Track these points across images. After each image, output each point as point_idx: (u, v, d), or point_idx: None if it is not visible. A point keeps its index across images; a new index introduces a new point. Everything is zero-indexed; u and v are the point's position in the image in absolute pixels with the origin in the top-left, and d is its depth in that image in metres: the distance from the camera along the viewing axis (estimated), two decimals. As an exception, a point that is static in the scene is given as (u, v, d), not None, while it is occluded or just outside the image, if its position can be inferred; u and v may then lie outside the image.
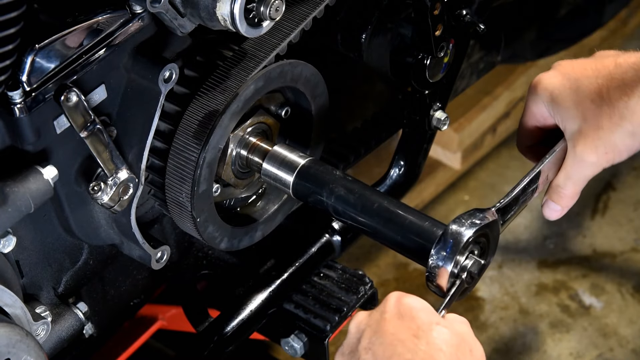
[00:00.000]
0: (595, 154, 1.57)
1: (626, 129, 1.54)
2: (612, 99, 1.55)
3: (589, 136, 1.56)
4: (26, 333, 1.35)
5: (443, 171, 2.94)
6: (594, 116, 1.56)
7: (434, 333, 1.35)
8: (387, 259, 2.80)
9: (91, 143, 1.40)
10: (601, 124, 1.55)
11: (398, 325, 1.35)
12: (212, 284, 1.92)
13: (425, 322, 1.36)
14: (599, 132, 1.55)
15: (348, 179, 1.59)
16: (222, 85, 1.52)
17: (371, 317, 1.39)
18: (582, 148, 1.57)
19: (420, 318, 1.36)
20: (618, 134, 1.55)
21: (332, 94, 1.71)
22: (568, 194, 1.62)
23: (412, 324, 1.36)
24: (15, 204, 1.33)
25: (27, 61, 1.33)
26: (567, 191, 1.62)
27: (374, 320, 1.38)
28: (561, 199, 1.63)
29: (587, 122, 1.56)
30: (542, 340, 2.60)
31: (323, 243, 1.92)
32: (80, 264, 1.59)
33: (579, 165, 1.59)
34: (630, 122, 1.54)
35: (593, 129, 1.56)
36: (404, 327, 1.35)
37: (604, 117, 1.55)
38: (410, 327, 1.35)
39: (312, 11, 1.61)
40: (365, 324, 1.38)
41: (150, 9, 1.38)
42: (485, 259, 1.51)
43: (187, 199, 1.53)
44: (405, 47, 1.84)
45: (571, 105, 1.59)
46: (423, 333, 1.34)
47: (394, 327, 1.35)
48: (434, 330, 1.35)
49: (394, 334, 1.34)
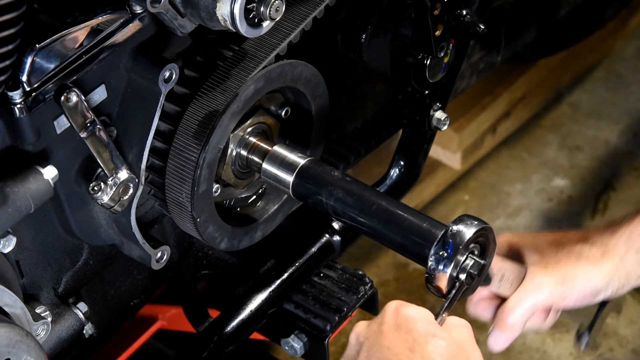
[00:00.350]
0: (552, 281, 1.62)
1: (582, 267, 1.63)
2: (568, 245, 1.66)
3: (548, 265, 1.64)
4: (26, 333, 1.35)
5: (443, 171, 2.94)
6: (552, 254, 1.66)
7: (430, 346, 1.36)
8: (387, 259, 2.80)
9: (91, 143, 1.40)
10: (559, 260, 1.64)
11: (394, 338, 1.37)
12: (212, 284, 1.92)
13: (422, 334, 1.38)
14: (557, 265, 1.64)
15: (348, 179, 1.59)
16: (222, 86, 1.52)
17: (369, 328, 1.41)
18: (540, 274, 1.63)
19: (417, 330, 1.38)
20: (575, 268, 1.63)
21: (332, 94, 1.71)
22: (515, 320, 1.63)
23: (408, 337, 1.37)
24: (15, 204, 1.33)
25: (27, 61, 1.33)
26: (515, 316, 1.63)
27: (372, 332, 1.40)
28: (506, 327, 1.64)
29: (545, 258, 1.65)
30: (542, 340, 2.60)
31: (323, 243, 1.92)
32: (80, 264, 1.59)
33: (534, 290, 1.63)
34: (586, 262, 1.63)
35: (552, 262, 1.64)
36: (401, 339, 1.37)
37: (562, 256, 1.65)
38: (407, 340, 1.37)
39: (312, 11, 1.61)
40: (364, 336, 1.41)
41: (151, 9, 1.38)
42: (486, 260, 1.51)
43: (187, 199, 1.53)
44: (405, 47, 1.84)
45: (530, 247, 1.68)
46: (419, 347, 1.36)
47: (390, 340, 1.37)
48: (430, 343, 1.37)
49: (389, 347, 1.37)
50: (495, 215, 2.88)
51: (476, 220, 1.48)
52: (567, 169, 3.02)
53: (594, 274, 1.62)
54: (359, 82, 2.07)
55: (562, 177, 3.01)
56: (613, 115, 3.19)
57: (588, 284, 1.62)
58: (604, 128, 3.15)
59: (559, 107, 3.21)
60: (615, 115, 3.18)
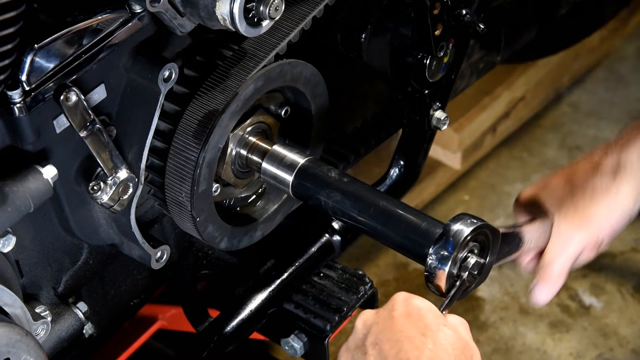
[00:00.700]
0: (578, 230, 1.65)
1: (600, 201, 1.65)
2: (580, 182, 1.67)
3: (569, 214, 1.65)
4: (26, 333, 1.35)
5: (443, 171, 2.94)
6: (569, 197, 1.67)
7: (441, 334, 1.36)
8: (387, 259, 2.80)
9: (91, 143, 1.40)
10: (577, 203, 1.65)
11: (406, 323, 1.37)
12: (212, 284, 1.92)
13: (433, 322, 1.38)
14: (577, 210, 1.65)
15: (347, 179, 1.59)
16: (221, 85, 1.52)
17: (379, 314, 1.41)
18: (565, 226, 1.65)
19: (428, 318, 1.38)
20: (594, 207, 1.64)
21: (332, 94, 1.70)
22: (556, 272, 1.67)
23: (419, 323, 1.37)
24: (15, 204, 1.33)
25: (26, 61, 1.33)
26: (555, 268, 1.67)
27: (381, 318, 1.39)
28: (549, 278, 1.67)
29: (564, 204, 1.66)
30: (542, 340, 2.60)
31: (323, 243, 1.92)
32: (80, 263, 1.59)
33: (564, 243, 1.66)
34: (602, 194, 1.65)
35: (571, 208, 1.66)
36: (412, 325, 1.37)
37: (578, 197, 1.66)
38: (418, 326, 1.37)
39: (312, 10, 1.61)
40: (373, 320, 1.40)
41: (150, 8, 1.38)
42: (486, 258, 1.51)
43: (186, 198, 1.53)
44: (405, 47, 1.84)
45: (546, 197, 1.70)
46: (431, 333, 1.36)
47: (402, 324, 1.37)
48: (441, 331, 1.37)
49: (401, 331, 1.36)
50: (495, 215, 2.88)
51: (475, 218, 1.48)
52: (567, 169, 3.02)
53: (613, 203, 1.64)
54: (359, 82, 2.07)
55: (562, 177, 3.00)
56: (613, 115, 3.19)
57: (613, 215, 1.64)
58: (604, 128, 3.15)
59: (559, 107, 3.21)
60: (615, 115, 3.18)
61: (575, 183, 1.67)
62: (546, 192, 1.69)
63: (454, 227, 1.46)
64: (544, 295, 1.68)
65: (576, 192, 1.66)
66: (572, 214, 1.65)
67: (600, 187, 1.64)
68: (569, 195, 1.66)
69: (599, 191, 1.64)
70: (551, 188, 1.69)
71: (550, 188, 1.69)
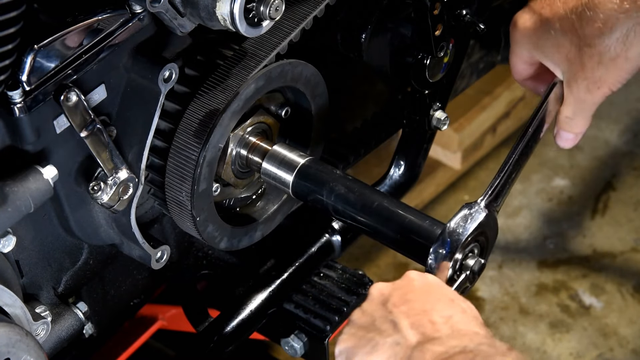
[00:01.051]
0: (590, 93, 1.61)
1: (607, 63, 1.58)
2: (587, 38, 1.58)
3: (578, 77, 1.60)
4: (26, 333, 1.35)
5: (443, 171, 2.94)
6: (576, 57, 1.60)
7: (465, 304, 1.33)
8: (387, 259, 2.80)
9: (91, 143, 1.40)
10: (585, 64, 1.59)
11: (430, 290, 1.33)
12: (212, 284, 1.92)
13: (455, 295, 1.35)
14: (586, 72, 1.59)
15: (348, 179, 1.59)
16: (222, 84, 1.52)
17: (396, 284, 1.36)
18: (576, 89, 1.61)
19: (450, 291, 1.35)
20: (602, 69, 1.58)
21: (332, 94, 1.71)
22: (579, 122, 1.65)
23: (443, 292, 1.34)
24: (15, 204, 1.33)
25: (27, 61, 1.32)
26: (578, 120, 1.65)
27: (400, 285, 1.35)
28: (573, 127, 1.66)
29: (572, 65, 1.61)
30: (542, 340, 2.60)
31: (323, 243, 1.92)
32: (80, 263, 1.59)
33: (579, 102, 1.62)
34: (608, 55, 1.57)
35: (580, 70, 1.60)
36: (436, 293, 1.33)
37: (585, 57, 1.59)
38: (444, 294, 1.33)
39: (313, 10, 1.61)
40: (392, 287, 1.35)
41: (150, 8, 1.38)
42: (485, 257, 1.52)
43: (187, 197, 1.53)
44: (405, 47, 1.84)
45: (553, 50, 1.62)
46: (457, 300, 1.33)
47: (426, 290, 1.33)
48: (465, 302, 1.33)
49: (430, 292, 1.32)
50: (495, 215, 2.88)
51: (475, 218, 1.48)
52: (567, 169, 3.02)
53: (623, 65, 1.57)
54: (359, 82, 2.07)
55: (562, 177, 3.01)
56: (613, 115, 3.19)
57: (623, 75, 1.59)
58: (604, 128, 3.15)
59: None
60: (615, 115, 3.19)
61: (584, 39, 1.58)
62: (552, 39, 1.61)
63: (454, 226, 1.46)
64: (570, 142, 1.67)
65: (584, 51, 1.58)
66: (582, 77, 1.59)
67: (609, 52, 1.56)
68: (577, 54, 1.59)
69: (607, 56, 1.57)
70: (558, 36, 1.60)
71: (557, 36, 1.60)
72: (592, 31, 1.57)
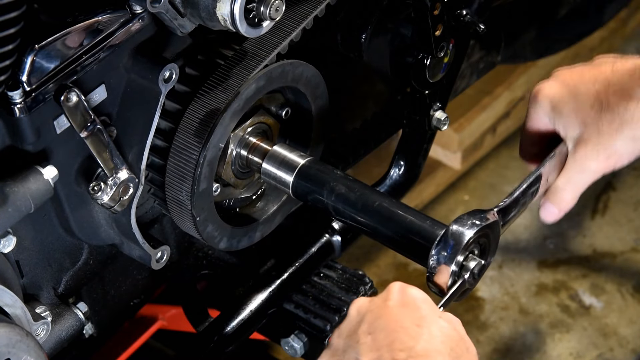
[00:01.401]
0: (596, 160, 1.57)
1: (627, 134, 1.55)
2: (611, 105, 1.55)
3: (590, 142, 1.56)
4: (26, 333, 1.35)
5: (443, 171, 2.94)
6: (594, 122, 1.56)
7: (436, 326, 1.34)
8: (387, 259, 2.80)
9: (91, 143, 1.40)
10: (602, 130, 1.55)
11: (401, 313, 1.35)
12: (212, 284, 1.92)
13: (429, 313, 1.36)
14: (600, 138, 1.56)
15: (348, 179, 1.59)
16: (223, 84, 1.52)
17: (373, 302, 1.38)
18: (583, 154, 1.57)
19: (424, 309, 1.36)
20: (619, 139, 1.55)
21: (332, 94, 1.70)
22: (567, 198, 1.62)
23: (415, 314, 1.35)
24: (15, 204, 1.33)
25: (27, 61, 1.32)
26: (567, 194, 1.62)
27: (376, 306, 1.37)
28: (560, 202, 1.63)
29: (587, 128, 1.56)
30: (542, 340, 2.60)
31: (323, 243, 1.92)
32: (80, 264, 1.59)
33: (580, 171, 1.59)
34: (630, 127, 1.55)
35: (594, 135, 1.56)
36: (408, 315, 1.35)
37: (604, 122, 1.55)
38: (414, 317, 1.35)
39: (313, 10, 1.61)
40: (367, 308, 1.37)
41: (150, 9, 1.38)
42: (486, 259, 1.51)
43: (187, 197, 1.53)
44: (405, 47, 1.84)
45: (571, 112, 1.59)
46: (426, 324, 1.34)
47: (397, 314, 1.35)
48: (437, 323, 1.35)
49: (397, 321, 1.34)
50: (495, 215, 2.88)
51: (478, 220, 1.48)
52: (567, 169, 3.02)
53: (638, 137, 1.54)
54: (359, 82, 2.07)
55: (562, 177, 3.00)
56: (613, 115, 3.18)
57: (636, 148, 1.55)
58: (604, 128, 3.14)
59: (559, 107, 3.20)
60: (615, 115, 3.18)
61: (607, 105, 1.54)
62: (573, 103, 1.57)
63: (457, 227, 1.46)
64: (553, 216, 1.64)
65: (604, 117, 1.54)
66: (595, 142, 1.55)
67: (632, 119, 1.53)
68: (596, 118, 1.55)
69: (627, 123, 1.54)
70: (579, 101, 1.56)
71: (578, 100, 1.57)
72: (617, 99, 1.55)
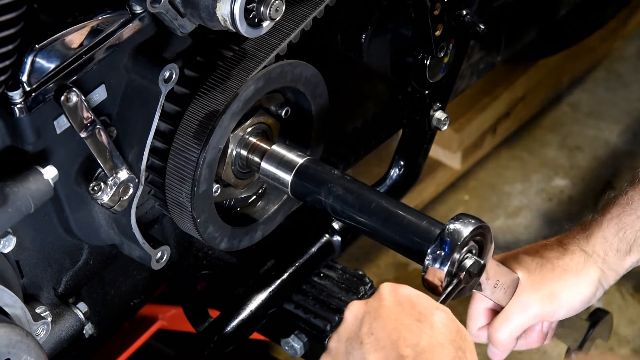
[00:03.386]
0: (539, 302, 1.62)
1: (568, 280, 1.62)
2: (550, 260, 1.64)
3: (535, 283, 1.63)
4: (26, 333, 1.35)
5: (443, 171, 2.94)
6: (536, 269, 1.64)
7: (436, 317, 1.36)
8: (387, 259, 2.80)
9: (91, 143, 1.40)
10: (544, 275, 1.63)
11: (399, 312, 1.36)
12: (212, 284, 1.92)
13: (426, 306, 1.38)
14: (544, 281, 1.63)
15: (347, 179, 1.59)
16: (222, 86, 1.52)
17: (369, 305, 1.39)
18: (528, 293, 1.62)
19: (421, 304, 1.38)
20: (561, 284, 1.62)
21: (332, 94, 1.71)
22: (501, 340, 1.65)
23: (413, 310, 1.37)
24: (15, 204, 1.33)
25: (27, 61, 1.33)
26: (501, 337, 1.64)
27: (372, 308, 1.38)
28: (497, 342, 1.65)
29: (531, 275, 1.63)
30: (542, 340, 2.59)
31: (323, 243, 1.92)
32: (80, 264, 1.59)
33: (521, 309, 1.63)
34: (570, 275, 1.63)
35: (538, 278, 1.63)
36: (405, 312, 1.36)
37: (547, 271, 1.63)
38: (412, 313, 1.36)
39: (312, 11, 1.61)
40: (364, 310, 1.38)
41: (151, 9, 1.38)
42: (483, 259, 1.52)
43: (187, 199, 1.53)
44: (405, 47, 1.84)
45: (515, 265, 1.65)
46: (425, 317, 1.36)
47: (394, 313, 1.36)
48: (435, 314, 1.37)
49: (396, 319, 1.35)
50: (495, 215, 2.88)
51: (473, 219, 1.48)
52: (567, 169, 3.02)
53: (581, 285, 1.63)
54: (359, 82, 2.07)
55: (562, 177, 3.01)
56: (613, 115, 3.18)
57: (576, 297, 1.63)
58: (604, 128, 3.15)
59: (559, 107, 3.20)
60: (615, 115, 3.18)
61: (546, 258, 1.65)
62: (515, 261, 1.66)
63: (452, 227, 1.46)
64: (497, 357, 1.67)
65: (545, 265, 1.64)
66: (538, 285, 1.62)
67: (570, 268, 1.63)
68: (537, 268, 1.64)
69: (567, 271, 1.63)
70: (520, 259, 1.66)
71: (519, 258, 1.66)
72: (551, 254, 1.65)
